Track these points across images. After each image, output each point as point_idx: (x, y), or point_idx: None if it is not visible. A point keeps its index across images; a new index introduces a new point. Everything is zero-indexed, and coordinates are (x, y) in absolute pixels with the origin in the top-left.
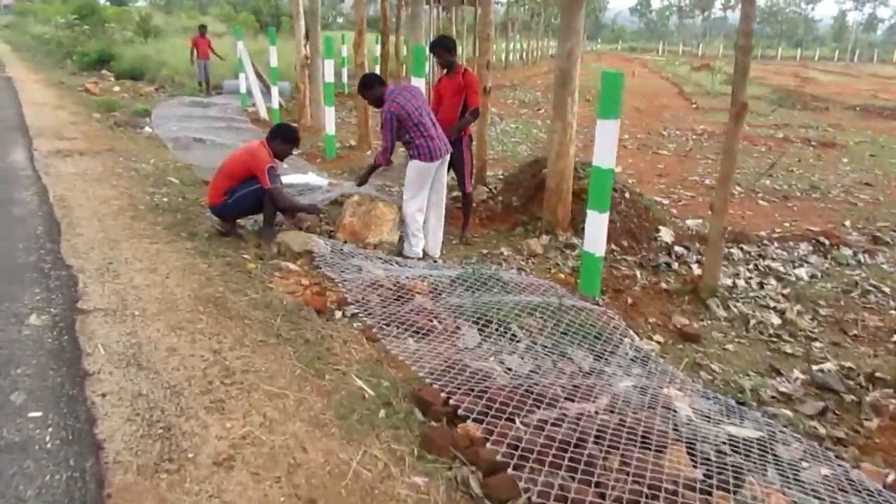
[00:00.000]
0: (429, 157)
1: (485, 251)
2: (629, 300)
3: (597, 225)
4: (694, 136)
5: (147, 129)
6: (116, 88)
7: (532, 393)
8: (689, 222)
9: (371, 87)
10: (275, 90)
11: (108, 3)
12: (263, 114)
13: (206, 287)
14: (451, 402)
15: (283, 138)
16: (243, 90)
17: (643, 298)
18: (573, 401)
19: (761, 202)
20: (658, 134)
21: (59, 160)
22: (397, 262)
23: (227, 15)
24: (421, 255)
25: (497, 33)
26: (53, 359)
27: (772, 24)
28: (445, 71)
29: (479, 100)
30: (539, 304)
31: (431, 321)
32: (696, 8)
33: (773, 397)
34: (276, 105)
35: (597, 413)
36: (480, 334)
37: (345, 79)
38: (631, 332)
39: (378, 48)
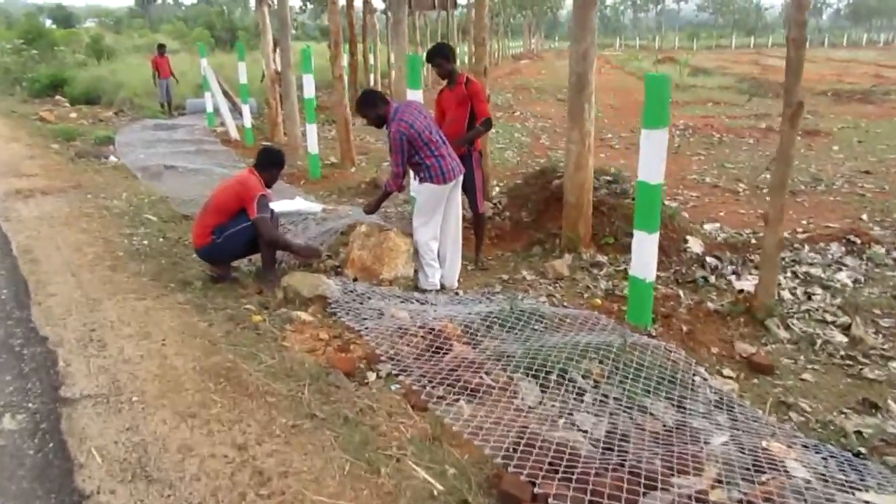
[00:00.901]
0: (441, 178)
1: (504, 276)
2: (683, 327)
3: (646, 247)
4: (677, 132)
5: (112, 158)
6: (73, 115)
7: (627, 468)
8: (708, 227)
9: (373, 106)
10: (246, 108)
11: (54, 26)
12: (234, 133)
13: (211, 354)
14: (537, 489)
15: (273, 163)
16: (210, 109)
17: (695, 323)
18: (676, 474)
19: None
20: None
21: (18, 202)
22: (417, 299)
23: (180, 31)
24: (438, 286)
25: (459, 36)
26: (38, 479)
27: (724, 14)
28: (446, 82)
29: (487, 108)
30: (594, 343)
31: (480, 375)
32: (649, 2)
33: (882, 440)
34: (248, 124)
35: (711, 489)
36: (538, 386)
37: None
38: (701, 370)
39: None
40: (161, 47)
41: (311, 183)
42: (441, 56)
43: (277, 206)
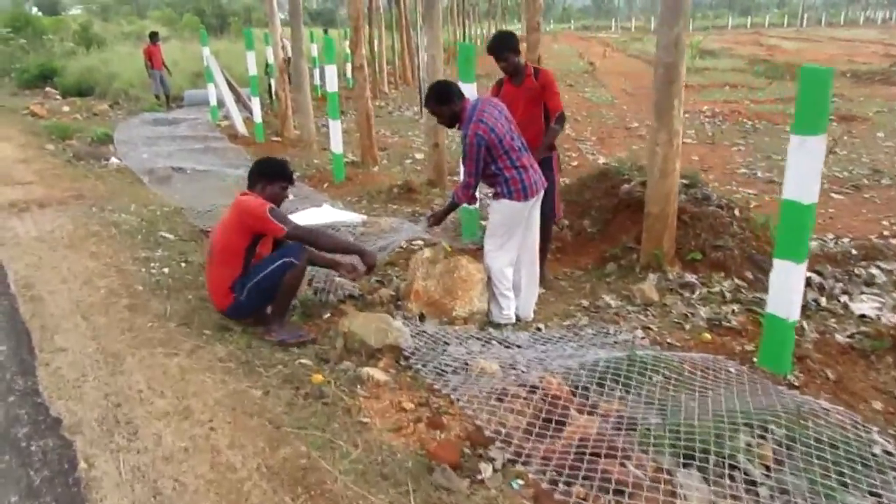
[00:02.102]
0: (522, 194)
1: (584, 302)
2: (828, 373)
3: (792, 280)
4: (706, 119)
5: (113, 159)
6: (66, 108)
7: None
8: None
9: (448, 100)
10: (256, 102)
11: (39, 14)
12: (241, 129)
13: (277, 444)
14: None
15: (267, 177)
16: (213, 102)
17: (835, 366)
18: None
19: (834, 195)
20: None
21: (13, 218)
22: (497, 340)
23: (169, 18)
24: (514, 319)
25: (445, 19)
26: None
27: None
28: (507, 77)
29: (560, 102)
30: (750, 410)
31: (621, 463)
32: None
33: None
34: (258, 119)
35: None
36: (699, 477)
37: (317, 80)
38: (881, 440)
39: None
40: (153, 36)
41: (335, 186)
42: (509, 48)
43: (307, 215)
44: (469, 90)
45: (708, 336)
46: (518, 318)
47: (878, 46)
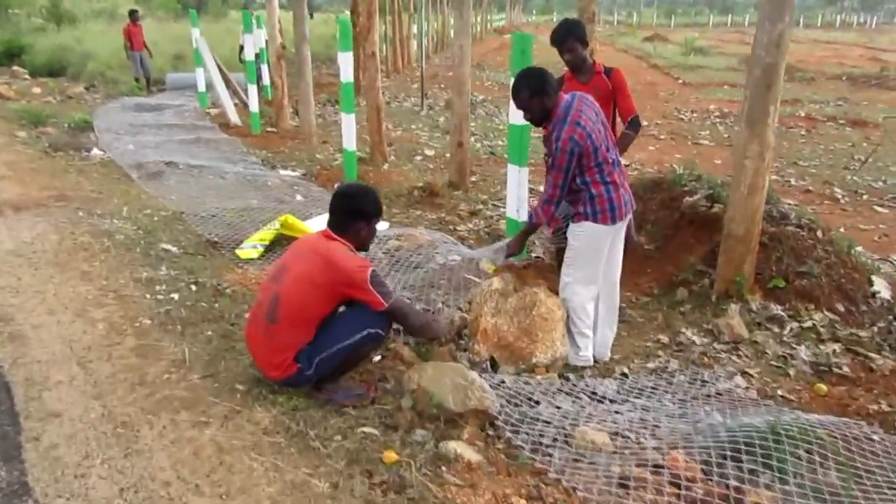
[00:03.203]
0: (609, 216)
1: (663, 338)
2: None
3: None
4: (716, 119)
5: (96, 150)
6: (37, 90)
7: None
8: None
9: (542, 92)
10: (253, 90)
11: None
12: (233, 118)
13: None
14: None
15: (366, 217)
16: (201, 88)
17: None
18: None
19: (879, 208)
20: (675, 118)
21: None
22: (584, 391)
23: None
24: (591, 361)
25: (435, 7)
26: None
27: None
28: (570, 71)
29: (634, 105)
30: None
31: None
32: None
33: None
34: (254, 108)
35: None
36: None
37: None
38: None
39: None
40: (133, 14)
41: None
42: (576, 38)
43: (323, 222)
44: None
45: (823, 387)
46: (595, 360)
47: (862, 50)
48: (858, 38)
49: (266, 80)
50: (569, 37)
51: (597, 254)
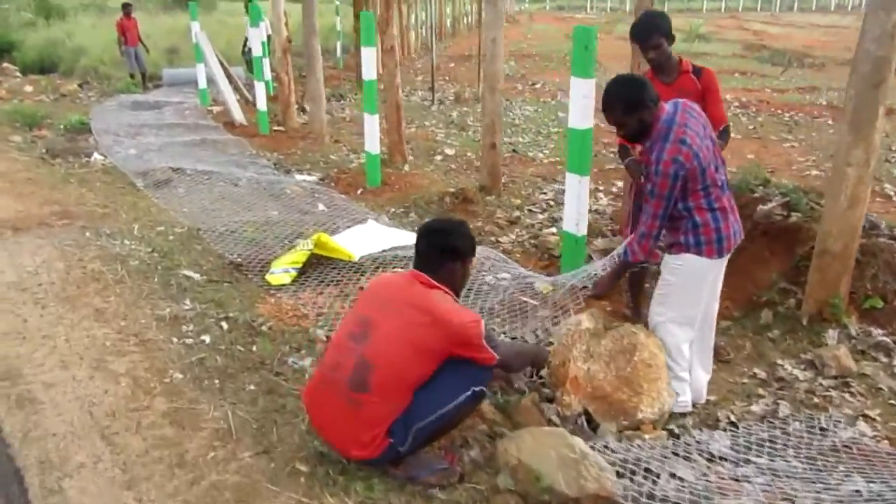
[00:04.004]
0: (715, 247)
1: (759, 372)
2: None
3: None
4: (739, 110)
5: (96, 156)
6: (28, 88)
7: None
8: None
9: (640, 106)
10: (260, 88)
11: None
12: (238, 117)
13: None
14: None
15: (465, 255)
16: (203, 84)
17: None
18: None
19: None
20: None
21: None
22: (697, 450)
23: None
24: (690, 406)
25: None
26: None
27: None
28: (652, 70)
29: (724, 111)
30: None
31: None
32: None
33: None
34: (262, 106)
35: None
36: None
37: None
38: None
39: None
40: (126, 7)
41: (372, 193)
42: (662, 33)
43: (353, 237)
44: (588, 88)
45: None
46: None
47: None
48: (856, 22)
49: (268, 75)
50: (654, 32)
51: (698, 291)
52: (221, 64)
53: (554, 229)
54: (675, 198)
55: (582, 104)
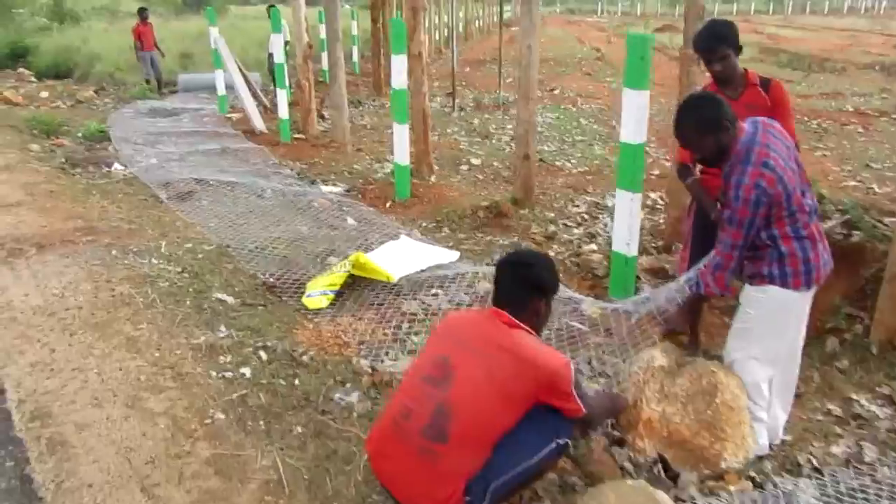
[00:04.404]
0: (804, 279)
1: (833, 408)
2: None
3: None
4: None
5: (117, 166)
6: (44, 94)
7: None
8: None
9: (716, 128)
10: (283, 95)
11: None
12: (258, 124)
13: None
14: None
15: (552, 290)
16: (221, 91)
17: None
18: None
19: None
20: None
21: (1, 269)
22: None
23: None
24: (767, 449)
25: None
26: None
27: None
28: (714, 83)
29: (794, 127)
30: None
31: None
32: None
33: None
34: (284, 114)
35: None
36: None
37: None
38: None
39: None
40: (142, 11)
41: (401, 206)
42: (729, 43)
43: (386, 254)
44: (642, 100)
45: None
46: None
47: (881, 38)
48: (872, 25)
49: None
50: (720, 42)
51: (783, 326)
52: (240, 70)
53: (594, 246)
54: (757, 226)
55: (635, 117)
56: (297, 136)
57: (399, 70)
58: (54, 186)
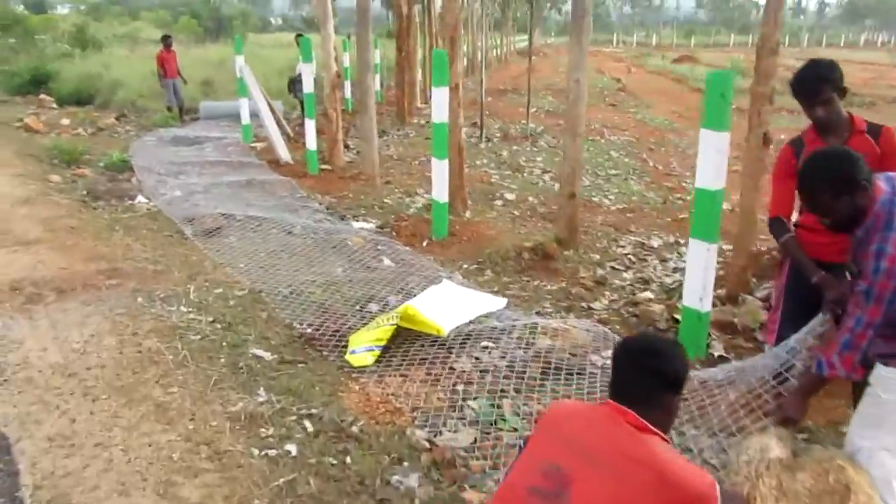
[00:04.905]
0: None
1: None
2: None
3: None
4: None
5: (140, 199)
6: (65, 121)
7: None
8: None
9: (852, 186)
10: (311, 126)
11: (25, 12)
12: (284, 155)
13: None
14: None
15: (680, 384)
16: (246, 120)
17: None
18: None
19: None
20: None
21: (17, 318)
22: None
23: (163, 20)
24: None
25: (467, 28)
26: None
27: (722, 11)
28: (814, 129)
29: None
30: None
31: None
32: None
33: None
34: (312, 145)
35: None
36: None
37: (348, 93)
38: None
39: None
40: (166, 39)
41: (439, 245)
42: (834, 86)
43: (428, 300)
44: (722, 143)
45: None
46: None
47: None
48: (891, 58)
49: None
50: (824, 85)
51: None
52: (265, 99)
53: (650, 294)
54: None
55: (714, 161)
56: (323, 166)
57: (441, 103)
58: (75, 221)
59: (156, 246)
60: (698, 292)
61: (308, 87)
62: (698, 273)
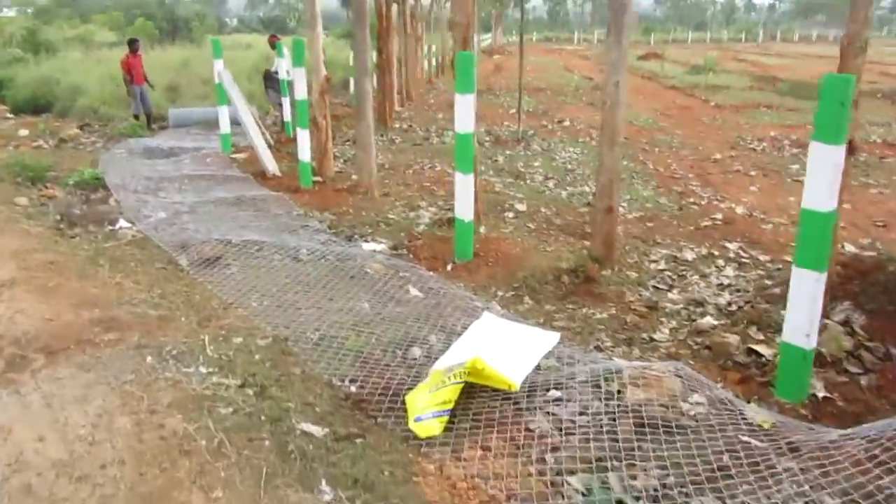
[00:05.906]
0: None
1: None
2: None
3: None
4: (794, 149)
5: (122, 223)
6: (24, 132)
7: None
8: None
9: None
10: (304, 136)
11: None
12: (271, 167)
13: None
14: None
15: None
16: (225, 129)
17: None
18: None
19: None
20: (745, 147)
21: (1, 394)
22: None
23: (116, 22)
24: None
25: (432, 29)
26: None
27: (679, 7)
28: None
29: None
30: None
31: None
32: None
33: None
34: (305, 157)
35: None
36: None
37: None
38: None
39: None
40: (133, 43)
41: (464, 268)
42: None
43: (472, 343)
44: (838, 158)
45: None
46: None
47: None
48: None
49: (287, 116)
50: None
51: None
52: (249, 107)
53: (711, 319)
54: None
55: (827, 179)
56: (315, 178)
57: (466, 111)
58: (53, 255)
59: (151, 283)
60: (804, 328)
61: (301, 92)
62: (805, 306)
